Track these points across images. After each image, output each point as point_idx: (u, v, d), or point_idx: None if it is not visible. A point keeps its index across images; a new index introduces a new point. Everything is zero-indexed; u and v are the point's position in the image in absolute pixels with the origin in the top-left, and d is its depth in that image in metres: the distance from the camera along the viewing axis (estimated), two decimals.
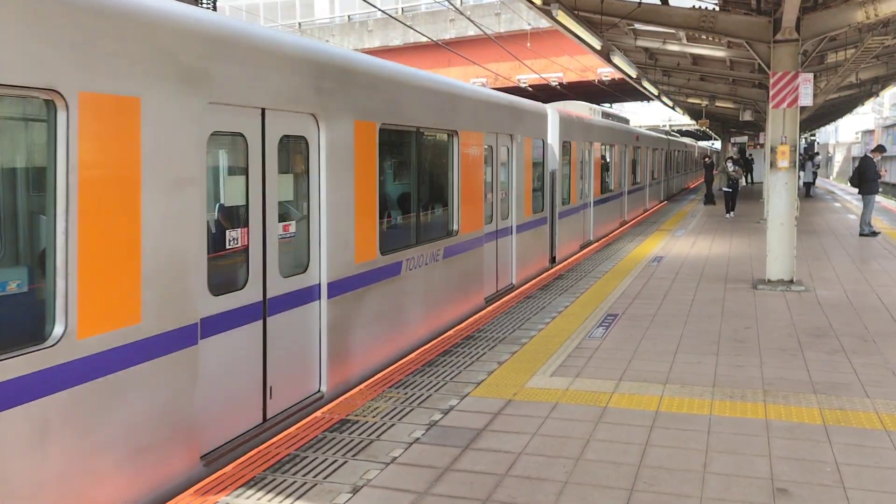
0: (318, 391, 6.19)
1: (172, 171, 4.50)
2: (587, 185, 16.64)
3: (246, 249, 5.30)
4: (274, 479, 4.51)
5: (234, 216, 5.29)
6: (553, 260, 13.72)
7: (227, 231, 5.22)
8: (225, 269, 5.18)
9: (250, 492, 4.35)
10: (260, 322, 5.45)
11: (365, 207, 6.80)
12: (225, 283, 5.12)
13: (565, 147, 14.38)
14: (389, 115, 7.27)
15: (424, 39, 26.63)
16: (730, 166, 23.30)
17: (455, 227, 9.00)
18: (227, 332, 5.11)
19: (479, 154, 9.68)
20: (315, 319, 6.14)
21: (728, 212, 22.36)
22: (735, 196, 22.62)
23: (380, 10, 13.49)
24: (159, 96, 4.40)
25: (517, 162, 11.26)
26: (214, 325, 4.96)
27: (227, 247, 5.17)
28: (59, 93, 3.76)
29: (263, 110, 5.45)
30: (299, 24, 41.28)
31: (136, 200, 4.25)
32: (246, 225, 5.30)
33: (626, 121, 25.95)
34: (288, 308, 5.78)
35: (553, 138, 13.70)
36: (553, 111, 13.82)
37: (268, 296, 5.53)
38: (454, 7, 21.55)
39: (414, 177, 8.15)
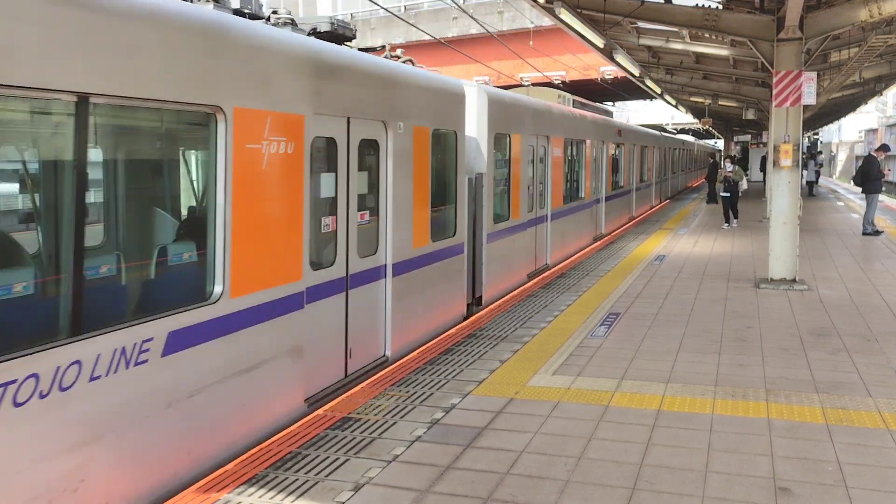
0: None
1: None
2: (542, 194, 12.70)
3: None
4: (276, 477, 4.52)
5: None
6: (478, 303, 9.86)
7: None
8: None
9: (252, 489, 4.36)
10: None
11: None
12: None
13: (501, 142, 10.72)
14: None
15: (427, 38, 26.64)
16: (728, 167, 19.70)
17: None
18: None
19: (259, 150, 5.36)
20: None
21: (726, 221, 19.07)
22: (735, 201, 19.16)
23: (383, 7, 13.49)
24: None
25: (395, 163, 7.33)
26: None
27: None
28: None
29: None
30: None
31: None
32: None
33: (609, 113, 22.50)
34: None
35: (476, 129, 9.89)
36: (476, 90, 9.91)
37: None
38: (457, 5, 21.55)
39: None
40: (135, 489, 4.31)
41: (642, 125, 33.26)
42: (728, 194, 19.07)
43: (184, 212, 5.71)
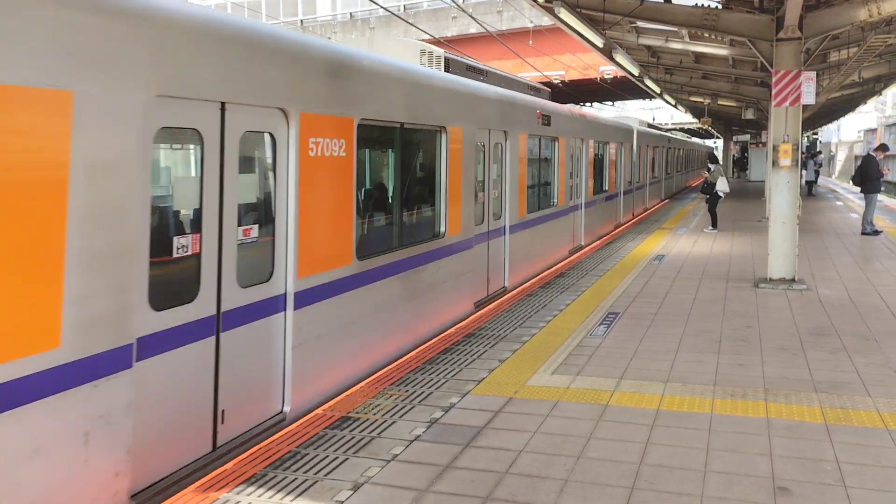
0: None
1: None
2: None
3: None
4: (275, 476, 4.52)
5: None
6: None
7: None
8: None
9: (251, 488, 4.36)
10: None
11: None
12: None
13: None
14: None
15: (426, 37, 26.62)
16: (711, 167, 18.88)
17: None
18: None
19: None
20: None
21: (712, 224, 17.82)
22: (712, 205, 17.88)
23: (382, 7, 13.48)
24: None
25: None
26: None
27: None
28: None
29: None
30: (301, 21, 41.25)
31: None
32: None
33: (538, 91, 14.07)
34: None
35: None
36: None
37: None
38: (456, 5, 21.53)
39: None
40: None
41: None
42: (707, 196, 18.15)
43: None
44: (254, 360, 5.25)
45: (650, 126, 29.76)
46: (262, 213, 5.48)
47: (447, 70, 9.69)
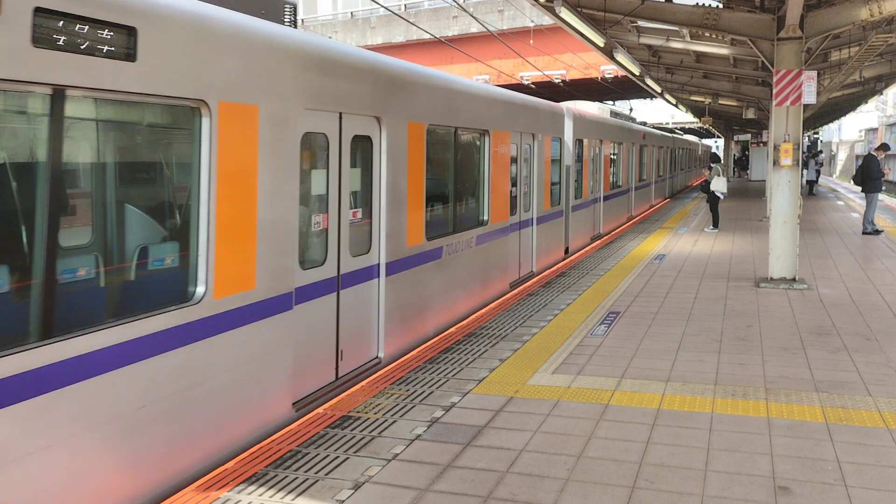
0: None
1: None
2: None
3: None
4: (276, 475, 4.52)
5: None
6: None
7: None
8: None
9: (252, 487, 4.36)
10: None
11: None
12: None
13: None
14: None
15: (427, 36, 26.61)
16: (711, 166, 18.89)
17: None
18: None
19: None
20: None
21: (714, 224, 17.81)
22: (712, 204, 17.82)
23: (383, 6, 13.47)
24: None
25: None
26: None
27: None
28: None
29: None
30: (302, 20, 41.24)
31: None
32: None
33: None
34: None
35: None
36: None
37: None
38: (457, 4, 21.53)
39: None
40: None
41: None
42: (706, 194, 18.28)
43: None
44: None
45: (617, 115, 23.68)
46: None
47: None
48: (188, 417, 4.64)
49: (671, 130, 44.81)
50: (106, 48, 4.02)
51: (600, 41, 14.57)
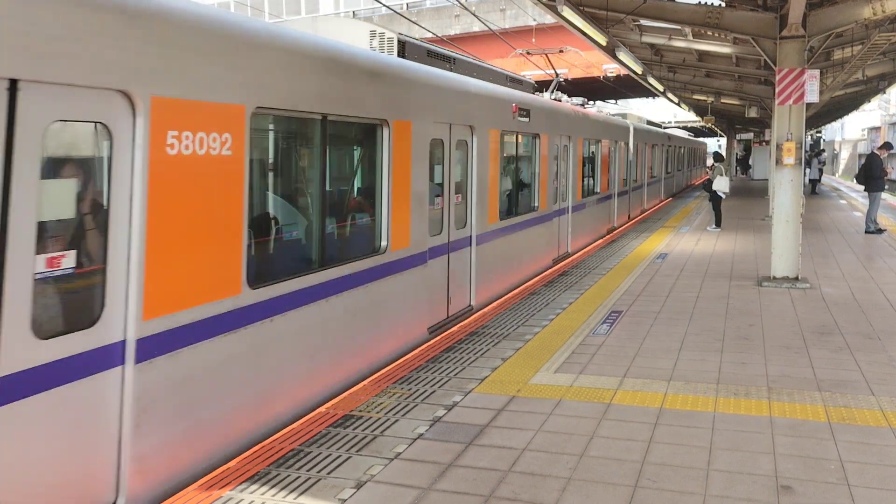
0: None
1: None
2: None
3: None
4: (278, 475, 4.52)
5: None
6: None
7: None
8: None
9: (254, 486, 4.36)
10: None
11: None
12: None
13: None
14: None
15: (429, 35, 26.61)
16: (714, 165, 18.74)
17: None
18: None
19: None
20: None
21: (716, 223, 17.80)
22: (714, 203, 17.85)
23: (385, 5, 13.47)
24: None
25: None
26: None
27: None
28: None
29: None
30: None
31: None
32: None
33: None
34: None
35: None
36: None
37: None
38: (459, 3, 21.53)
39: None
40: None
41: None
42: (708, 193, 18.22)
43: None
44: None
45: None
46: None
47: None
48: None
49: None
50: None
51: (602, 40, 14.57)
